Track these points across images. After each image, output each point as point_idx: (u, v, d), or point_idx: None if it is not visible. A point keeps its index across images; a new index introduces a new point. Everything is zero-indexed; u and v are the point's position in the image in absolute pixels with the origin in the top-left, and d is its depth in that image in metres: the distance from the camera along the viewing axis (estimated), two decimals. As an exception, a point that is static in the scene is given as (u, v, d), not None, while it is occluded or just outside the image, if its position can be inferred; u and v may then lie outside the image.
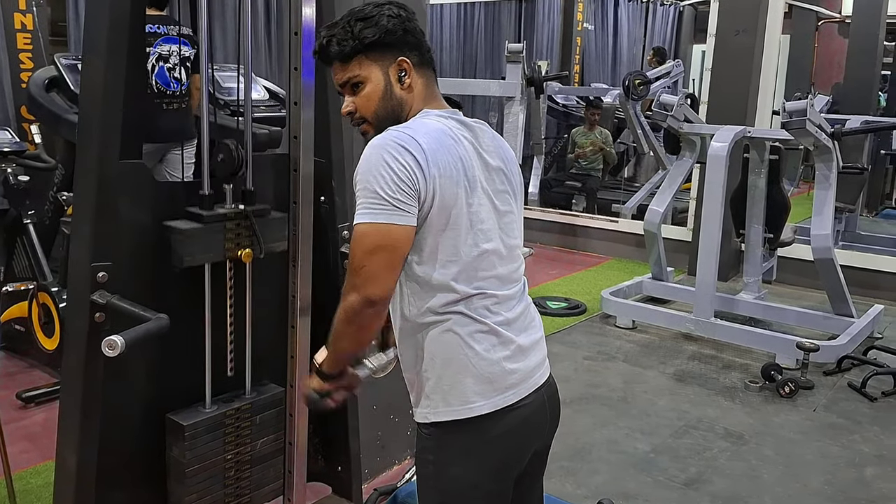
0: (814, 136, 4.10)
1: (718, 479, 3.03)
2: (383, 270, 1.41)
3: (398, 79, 1.51)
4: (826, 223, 4.26)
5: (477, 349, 1.49)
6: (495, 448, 1.53)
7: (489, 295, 1.50)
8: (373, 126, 1.53)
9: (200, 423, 2.08)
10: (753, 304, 4.75)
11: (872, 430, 3.47)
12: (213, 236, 1.99)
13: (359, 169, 1.42)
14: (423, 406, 1.54)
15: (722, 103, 5.36)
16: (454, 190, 1.44)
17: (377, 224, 1.39)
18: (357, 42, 1.49)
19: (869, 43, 7.42)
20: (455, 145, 1.47)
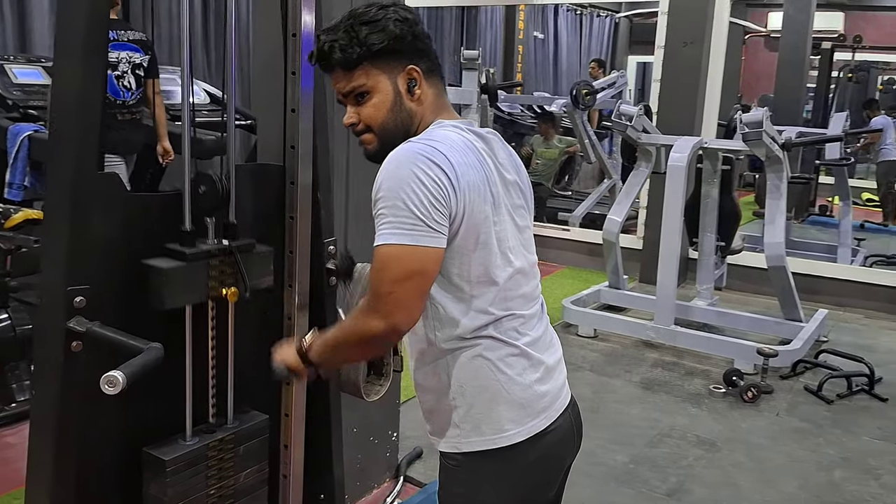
0: (767, 147, 4.21)
1: (698, 488, 3.05)
2: (414, 298, 1.31)
3: (408, 89, 1.40)
4: (778, 231, 4.38)
5: (510, 374, 1.42)
6: (529, 475, 1.48)
7: (517, 315, 1.43)
8: (378, 138, 1.42)
9: (182, 457, 1.90)
10: (707, 310, 4.84)
11: (834, 433, 3.56)
12: (196, 275, 1.83)
13: (383, 183, 1.30)
14: (451, 436, 1.46)
15: (671, 114, 5.46)
16: (482, 207, 1.35)
17: (411, 247, 1.28)
18: (364, 49, 1.36)
19: (797, 57, 7.72)
20: (477, 159, 1.38)
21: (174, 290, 1.79)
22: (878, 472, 3.21)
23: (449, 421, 1.45)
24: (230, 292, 1.88)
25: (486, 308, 1.39)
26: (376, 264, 1.32)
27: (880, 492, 3.05)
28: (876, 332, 5.07)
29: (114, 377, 1.51)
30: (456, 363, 1.42)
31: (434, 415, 1.49)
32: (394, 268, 1.29)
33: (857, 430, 3.59)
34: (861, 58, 9.32)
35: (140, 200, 2.09)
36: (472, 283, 1.37)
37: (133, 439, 1.90)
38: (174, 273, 1.78)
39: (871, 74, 9.71)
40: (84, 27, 1.66)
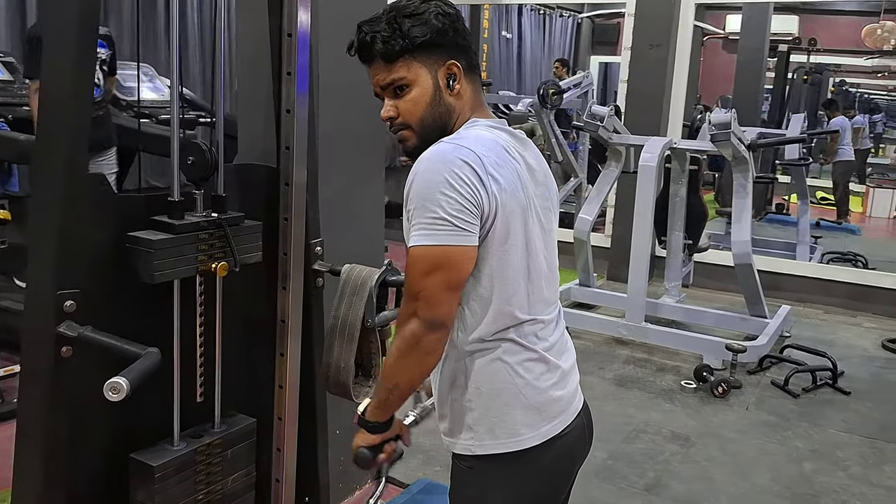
0: (734, 147, 4.30)
1: (675, 483, 3.11)
2: (443, 291, 1.32)
3: (447, 84, 1.40)
4: (745, 230, 4.48)
5: (527, 378, 1.43)
6: (542, 479, 1.48)
7: (538, 320, 1.44)
8: (416, 134, 1.42)
9: (170, 462, 1.89)
10: (675, 307, 4.93)
11: (802, 426, 3.67)
12: (185, 248, 1.80)
13: (414, 187, 1.31)
14: (465, 438, 1.46)
15: (638, 115, 5.54)
16: (514, 207, 1.36)
17: (435, 247, 1.30)
18: (407, 41, 1.36)
19: (755, 59, 7.91)
20: (511, 159, 1.39)
21: (163, 263, 1.76)
22: (845, 463, 3.32)
23: (463, 423, 1.45)
24: (220, 266, 1.85)
25: (510, 311, 1.39)
26: (412, 267, 1.33)
27: (849, 483, 3.16)
28: (835, 326, 5.23)
29: (118, 383, 1.49)
30: (474, 365, 1.42)
31: (448, 416, 1.48)
32: (418, 266, 1.31)
33: (824, 423, 3.70)
34: (816, 60, 9.58)
35: (129, 201, 2.06)
36: (499, 284, 1.38)
37: (120, 445, 1.88)
38: (163, 244, 1.74)
39: (824, 76, 9.99)
40: (76, 22, 1.62)
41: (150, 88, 6.20)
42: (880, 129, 13.99)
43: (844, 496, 3.05)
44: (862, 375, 4.32)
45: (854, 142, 9.23)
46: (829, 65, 10.24)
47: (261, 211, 2.09)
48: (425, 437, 3.36)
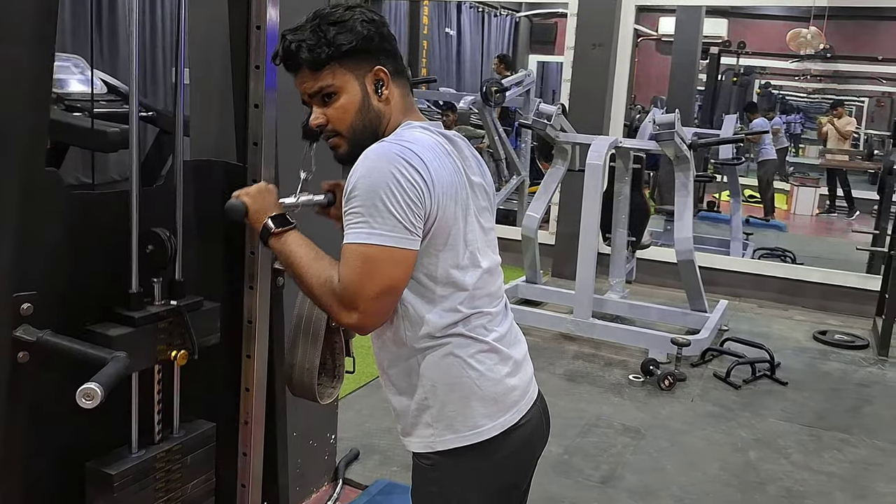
0: (677, 147, 4.42)
1: (629, 475, 3.18)
2: (392, 305, 1.37)
3: (375, 90, 1.42)
4: (687, 227, 4.61)
5: (480, 370, 1.45)
6: (504, 469, 1.51)
7: (485, 313, 1.47)
8: (347, 141, 1.44)
9: (129, 470, 1.80)
10: (620, 303, 5.03)
11: (744, 416, 3.80)
12: (145, 341, 1.75)
13: (358, 182, 1.31)
14: (424, 435, 1.47)
15: (582, 114, 5.63)
16: (453, 209, 1.38)
17: (390, 249, 1.30)
18: (332, 49, 1.37)
19: (689, 60, 8.14)
20: (448, 161, 1.41)
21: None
22: (787, 451, 3.45)
23: (420, 420, 1.46)
24: (180, 355, 1.82)
25: (454, 307, 1.41)
26: (354, 261, 1.31)
27: (791, 469, 3.29)
28: (769, 320, 5.43)
29: (91, 389, 1.43)
30: (426, 362, 1.43)
31: (406, 415, 1.49)
32: (375, 272, 1.31)
33: (765, 413, 3.85)
34: (744, 62, 9.92)
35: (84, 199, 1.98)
36: (441, 283, 1.40)
37: (74, 453, 1.79)
38: (123, 341, 1.68)
39: (751, 78, 10.36)
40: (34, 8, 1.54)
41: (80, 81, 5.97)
42: (798, 129, 14.60)
43: (788, 482, 3.18)
44: (797, 366, 4.51)
45: (773, 141, 9.61)
46: (757, 67, 10.63)
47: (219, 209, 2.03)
48: (381, 438, 3.35)
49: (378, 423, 3.48)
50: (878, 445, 3.53)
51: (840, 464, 3.35)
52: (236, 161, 2.07)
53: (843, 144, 10.41)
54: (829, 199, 10.40)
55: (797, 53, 8.88)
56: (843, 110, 10.67)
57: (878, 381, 4.37)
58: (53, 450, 1.76)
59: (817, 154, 11.96)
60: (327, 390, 2.21)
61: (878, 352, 4.75)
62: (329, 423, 3.00)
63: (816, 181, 10.53)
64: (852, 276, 5.67)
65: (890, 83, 11.35)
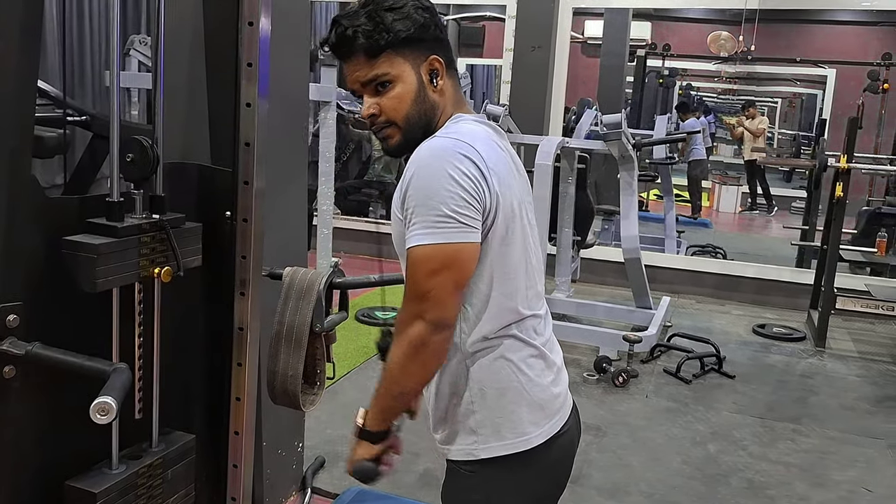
0: (622, 146, 4.49)
1: (596, 473, 3.19)
2: (450, 292, 1.29)
3: (430, 80, 1.37)
4: (633, 226, 4.69)
5: (530, 375, 1.41)
6: (545, 478, 1.47)
7: (537, 315, 1.43)
8: (401, 131, 1.38)
9: (112, 487, 1.72)
10: (567, 301, 5.07)
11: (699, 410, 3.87)
12: (127, 252, 1.65)
13: (412, 182, 1.27)
14: (467, 442, 1.42)
15: (523, 115, 5.65)
16: (511, 202, 1.34)
17: (442, 245, 1.26)
18: (391, 36, 1.32)
19: (617, 63, 8.31)
20: (502, 153, 1.37)
21: (105, 270, 1.60)
22: (743, 442, 3.53)
23: (465, 427, 1.41)
24: (164, 271, 1.72)
25: (512, 306, 1.37)
26: (409, 267, 1.29)
27: (750, 461, 3.36)
28: (709, 315, 5.58)
29: (106, 404, 1.35)
30: (477, 365, 1.39)
31: (447, 422, 1.43)
32: (426, 266, 1.27)
33: (718, 406, 3.93)
34: (670, 65, 10.21)
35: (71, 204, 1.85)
36: (501, 280, 1.35)
37: (53, 472, 1.69)
38: (105, 249, 1.58)
39: (675, 80, 10.67)
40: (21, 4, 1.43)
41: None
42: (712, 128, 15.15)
43: (749, 474, 3.25)
44: (741, 359, 4.63)
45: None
46: (681, 69, 10.96)
47: (193, 213, 1.94)
48: (343, 444, 3.26)
49: (339, 430, 3.39)
50: (828, 434, 3.66)
51: (795, 454, 3.45)
52: (211, 162, 1.98)
53: (757, 143, 10.83)
54: (750, 196, 10.80)
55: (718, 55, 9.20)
56: (755, 110, 11.10)
57: (820, 371, 4.54)
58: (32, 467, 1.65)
59: (732, 154, 12.44)
60: (309, 397, 2.16)
61: (815, 343, 4.94)
62: (296, 431, 2.92)
63: (738, 179, 10.93)
64: (785, 270, 5.90)
65: (804, 84, 11.89)
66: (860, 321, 5.37)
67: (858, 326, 5.38)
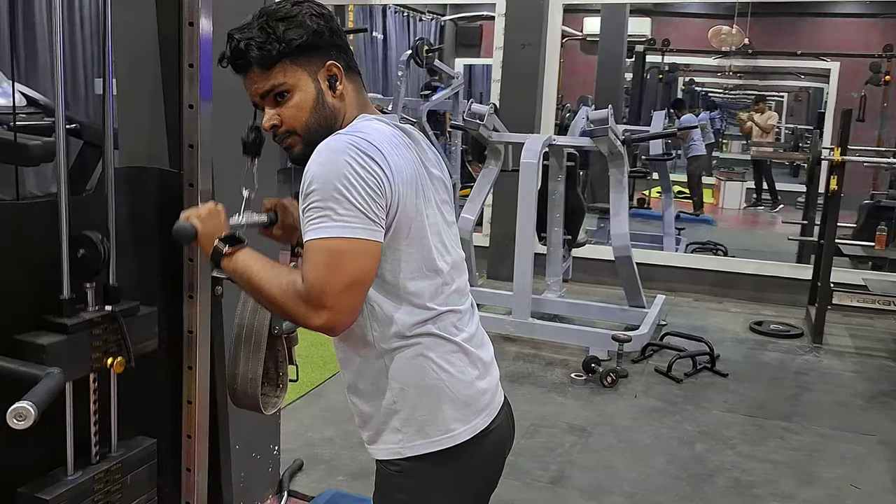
0: (611, 142, 4.42)
1: (578, 474, 3.13)
2: (360, 300, 1.28)
3: (329, 86, 1.36)
4: (623, 224, 4.61)
5: (452, 371, 1.39)
6: (474, 475, 1.45)
7: (455, 311, 1.41)
8: (302, 139, 1.37)
9: (65, 494, 1.73)
10: (558, 301, 5.01)
11: (688, 409, 3.80)
12: (79, 348, 1.68)
13: (315, 176, 1.24)
14: (392, 441, 1.40)
15: (513, 113, 5.60)
16: (414, 200, 1.33)
17: (354, 241, 1.23)
18: (283, 45, 1.31)
19: (614, 60, 8.24)
20: (406, 152, 1.36)
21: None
22: (732, 441, 3.46)
23: (388, 426, 1.40)
24: (117, 362, 1.75)
25: (424, 303, 1.36)
26: (316, 257, 1.24)
27: (738, 460, 3.29)
28: (705, 313, 5.50)
29: (24, 409, 1.32)
30: (395, 364, 1.37)
31: (371, 421, 1.42)
32: (342, 265, 1.23)
33: (707, 405, 3.86)
34: (670, 60, 10.11)
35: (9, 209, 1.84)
36: (408, 278, 1.34)
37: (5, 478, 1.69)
38: (55, 349, 1.60)
39: (676, 76, 10.58)
40: None
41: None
42: (719, 124, 15.00)
43: (735, 473, 3.18)
44: (736, 357, 4.55)
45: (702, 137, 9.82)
46: (681, 65, 10.86)
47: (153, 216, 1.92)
48: (324, 447, 3.23)
49: (321, 433, 3.36)
50: (818, 432, 3.58)
51: (784, 451, 3.38)
52: (169, 166, 1.95)
53: (767, 138, 10.71)
54: (755, 192, 10.68)
55: (719, 50, 9.11)
56: (765, 105, 10.98)
57: (815, 368, 4.45)
58: None
59: (740, 149, 12.30)
60: (271, 400, 2.13)
61: (812, 339, 4.85)
62: (272, 434, 2.88)
63: (742, 175, 10.81)
64: (784, 266, 5.80)
65: (808, 78, 11.75)
66: (859, 317, 5.27)
67: (857, 322, 5.28)
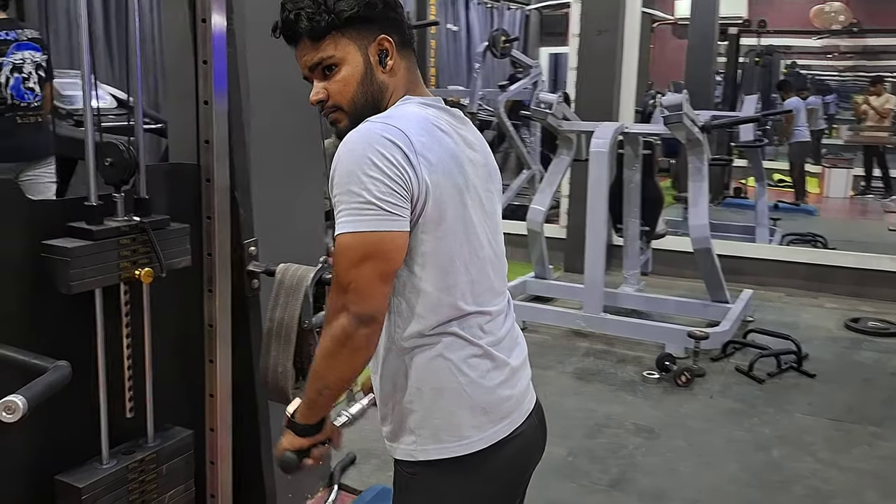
0: (687, 130, 4.20)
1: (641, 477, 2.98)
2: (375, 283, 1.21)
3: (379, 60, 1.30)
4: (703, 214, 4.38)
5: (472, 376, 1.31)
6: (492, 484, 1.36)
7: (485, 312, 1.33)
8: (348, 115, 1.32)
9: (99, 482, 1.76)
10: (635, 296, 4.82)
11: (768, 412, 3.57)
12: (105, 254, 1.69)
13: (337, 169, 1.20)
14: (407, 442, 1.34)
15: (589, 102, 5.44)
16: (449, 189, 1.25)
17: (364, 234, 1.18)
18: (332, 17, 1.26)
19: (705, 43, 7.86)
20: (445, 137, 1.28)
21: (82, 272, 1.64)
22: (813, 447, 3.22)
23: (405, 426, 1.34)
24: (144, 273, 1.74)
25: (451, 302, 1.28)
26: (334, 257, 1.23)
27: (818, 467, 3.06)
28: (797, 309, 5.16)
29: (12, 402, 1.32)
30: (414, 363, 1.31)
31: (389, 420, 1.37)
32: (347, 256, 1.20)
33: (790, 408, 3.61)
34: (766, 42, 9.59)
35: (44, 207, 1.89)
36: (437, 272, 1.27)
37: (44, 466, 1.73)
38: (80, 252, 1.62)
39: (774, 58, 10.01)
40: None
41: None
42: (833, 109, 14.13)
43: (814, 481, 2.95)
44: (826, 357, 4.25)
45: (809, 122, 9.25)
46: (780, 47, 10.27)
47: (191, 213, 1.93)
48: (377, 442, 3.18)
49: (377, 427, 3.34)
50: (912, 439, 3.29)
51: (870, 460, 3.11)
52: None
53: (883, 123, 9.93)
54: (864, 180, 9.99)
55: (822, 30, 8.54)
56: (882, 87, 10.12)
57: (914, 369, 4.11)
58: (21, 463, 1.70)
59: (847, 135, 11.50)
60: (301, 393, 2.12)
61: (914, 338, 4.48)
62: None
63: (850, 161, 10.12)
64: (886, 258, 5.37)
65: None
66: (973, 314, 4.83)
67: (971, 319, 4.83)
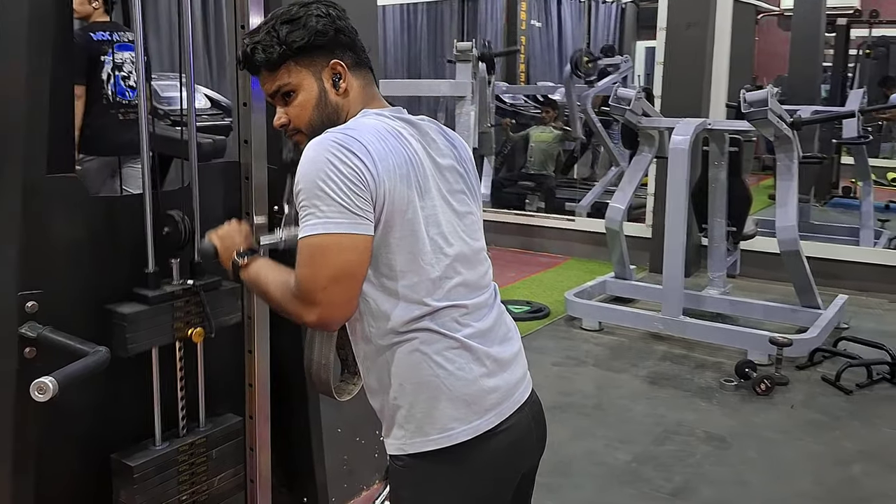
0: (774, 126, 4.03)
1: (705, 487, 2.89)
2: (350, 293, 1.29)
3: (333, 84, 1.40)
4: (790, 214, 4.19)
5: (449, 368, 1.34)
6: (480, 477, 1.38)
7: (458, 305, 1.36)
8: (308, 137, 1.39)
9: (151, 462, 1.88)
10: (720, 299, 4.66)
11: (852, 425, 3.38)
12: (160, 318, 1.82)
13: (301, 175, 1.27)
14: (397, 437, 1.39)
15: (676, 97, 5.28)
16: (405, 192, 1.30)
17: (338, 235, 1.24)
18: (284, 47, 1.37)
19: (811, 34, 7.48)
20: (400, 144, 1.34)
21: (138, 336, 1.77)
22: (899, 465, 3.04)
23: (394, 422, 1.39)
24: (195, 333, 1.86)
25: (420, 299, 1.33)
26: (304, 256, 1.27)
27: (902, 487, 2.89)
28: (899, 316, 4.87)
29: (44, 383, 1.45)
30: (393, 359, 1.36)
31: (381, 415, 1.43)
32: (324, 260, 1.26)
33: (878, 422, 3.41)
34: (878, 33, 9.03)
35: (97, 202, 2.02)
36: (401, 272, 1.32)
37: (102, 446, 1.85)
38: (137, 318, 1.75)
39: (890, 50, 9.41)
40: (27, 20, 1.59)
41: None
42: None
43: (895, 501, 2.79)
44: (925, 368, 3.98)
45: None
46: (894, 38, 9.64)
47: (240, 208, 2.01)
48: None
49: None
50: None
51: (962, 482, 2.91)
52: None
53: None
54: None
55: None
56: None
57: None
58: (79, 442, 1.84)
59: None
60: (348, 387, 2.16)
61: None
62: (377, 419, 2.94)
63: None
64: None
65: None
66: None
67: None
